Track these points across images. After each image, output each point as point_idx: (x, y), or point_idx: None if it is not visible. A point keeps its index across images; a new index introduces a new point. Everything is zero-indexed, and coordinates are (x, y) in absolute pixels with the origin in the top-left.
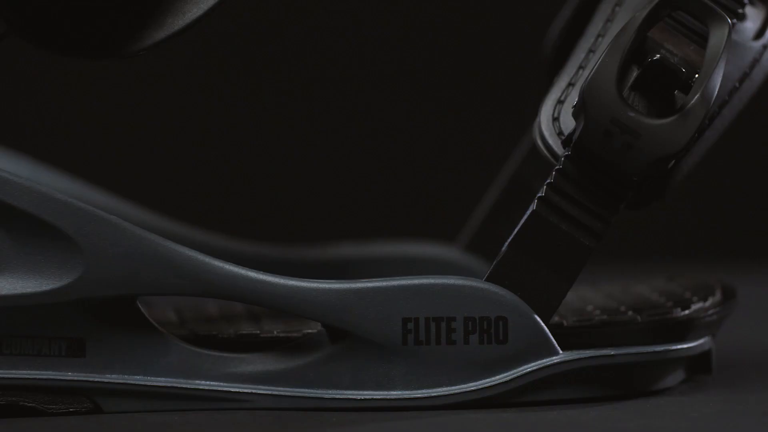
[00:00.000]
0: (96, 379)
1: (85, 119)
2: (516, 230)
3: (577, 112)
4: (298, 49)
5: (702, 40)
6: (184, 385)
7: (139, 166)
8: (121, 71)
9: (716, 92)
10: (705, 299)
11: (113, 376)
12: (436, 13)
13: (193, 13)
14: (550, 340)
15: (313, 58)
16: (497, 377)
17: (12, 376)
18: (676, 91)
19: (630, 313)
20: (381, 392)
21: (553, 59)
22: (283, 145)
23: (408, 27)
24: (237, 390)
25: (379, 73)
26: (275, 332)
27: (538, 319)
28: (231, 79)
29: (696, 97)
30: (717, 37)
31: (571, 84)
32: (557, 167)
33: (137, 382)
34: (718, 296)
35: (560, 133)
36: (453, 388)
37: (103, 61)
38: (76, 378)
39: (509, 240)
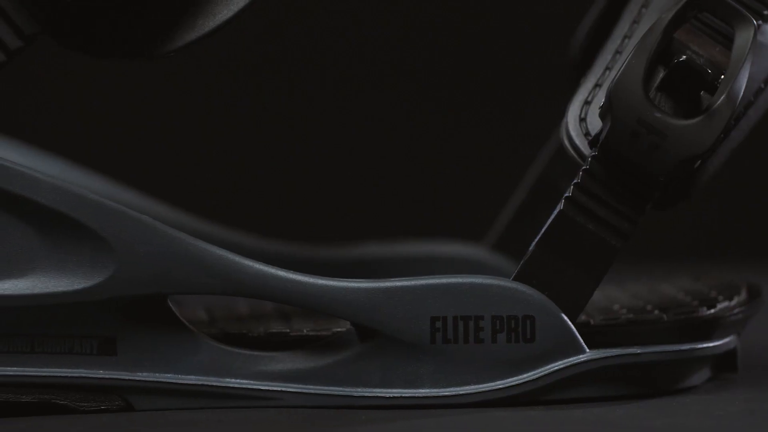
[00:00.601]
0: (127, 377)
1: (88, 118)
2: (543, 230)
3: (604, 112)
4: (328, 45)
5: (728, 42)
6: (214, 384)
7: (163, 165)
8: (140, 71)
9: (742, 93)
10: (730, 298)
11: (144, 374)
12: (480, 13)
13: (224, 14)
14: (577, 338)
15: (346, 56)
16: (525, 375)
17: (44, 374)
18: (702, 92)
19: (656, 312)
20: (409, 390)
21: (580, 60)
22: (312, 145)
23: (445, 26)
24: (267, 388)
25: (409, 72)
26: (305, 331)
27: (566, 318)
28: (255, 78)
29: (722, 98)
30: (743, 38)
31: (598, 85)
32: (584, 167)
33: (168, 380)
34: (743, 295)
35: (587, 134)
36: (481, 386)
37: (134, 62)
38: (107, 376)
39: (536, 239)
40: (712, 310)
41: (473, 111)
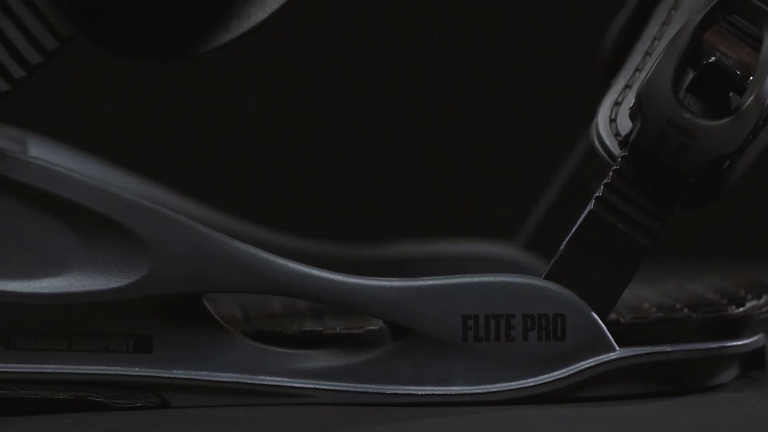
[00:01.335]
0: (163, 375)
1: (119, 120)
2: (574, 229)
3: (634, 113)
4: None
5: (756, 43)
6: (249, 381)
7: (194, 166)
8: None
9: None
10: (759, 297)
11: (180, 371)
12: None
13: (258, 16)
14: (607, 337)
15: (378, 54)
16: (555, 373)
17: (81, 371)
18: (730, 93)
19: (685, 310)
20: (441, 388)
21: (610, 62)
22: (348, 145)
23: (475, 23)
24: (300, 386)
25: (445, 72)
26: (338, 329)
27: (596, 316)
28: (285, 79)
29: (750, 98)
30: None
31: (628, 86)
32: (614, 167)
33: (203, 378)
34: None
35: (617, 134)
36: (512, 383)
37: (168, 64)
38: (143, 373)
39: (567, 239)
40: (741, 309)
41: (507, 111)
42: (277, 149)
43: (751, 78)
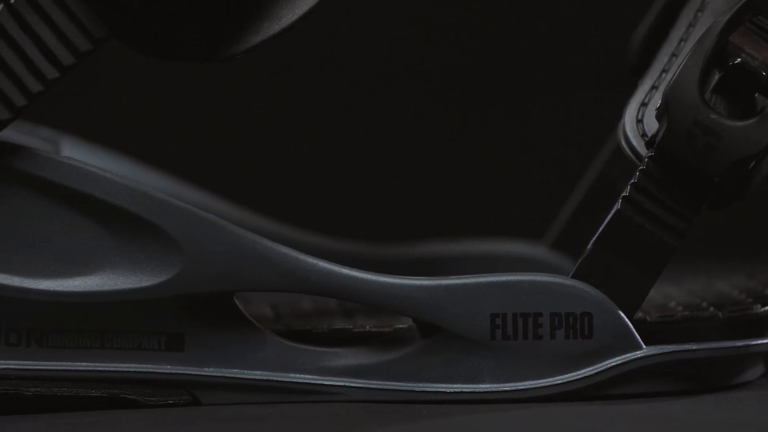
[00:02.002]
0: (194, 373)
1: (125, 118)
2: (601, 229)
3: (661, 114)
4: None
5: None
6: (279, 379)
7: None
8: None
9: None
10: None
11: (211, 369)
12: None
13: (288, 18)
14: (634, 335)
15: (409, 52)
16: (582, 371)
17: (113, 369)
18: (756, 94)
19: (711, 309)
20: (470, 385)
21: (637, 63)
22: (378, 145)
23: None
24: (330, 383)
25: (474, 72)
26: (367, 327)
27: (623, 315)
28: (319, 77)
29: None
30: None
31: (654, 87)
32: (641, 168)
33: (234, 376)
34: None
35: (644, 135)
36: (540, 381)
37: (199, 64)
38: (175, 371)
39: (594, 238)
40: (766, 308)
41: (534, 111)
42: (308, 150)
43: None
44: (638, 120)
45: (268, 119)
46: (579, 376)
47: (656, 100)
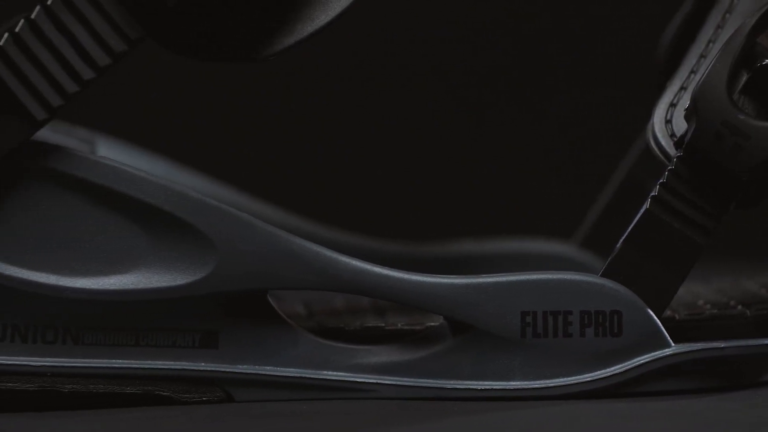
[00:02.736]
0: (228, 370)
1: (160, 118)
2: (630, 228)
3: (689, 114)
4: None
5: None
6: (312, 376)
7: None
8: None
9: None
10: None
11: (245, 366)
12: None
13: (321, 19)
14: (663, 333)
15: (430, 53)
16: (612, 369)
17: (148, 366)
18: None
19: (739, 307)
20: (500, 383)
21: (665, 64)
22: (408, 144)
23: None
24: (363, 380)
25: (502, 71)
26: (399, 325)
27: (651, 313)
28: (354, 78)
29: None
30: None
31: (683, 88)
32: (670, 167)
33: (268, 373)
34: None
35: (672, 135)
36: (569, 378)
37: (232, 65)
38: (209, 368)
39: (624, 237)
40: None
41: (563, 110)
42: (340, 151)
43: None
44: (667, 120)
45: (304, 120)
46: (608, 374)
47: (685, 101)
